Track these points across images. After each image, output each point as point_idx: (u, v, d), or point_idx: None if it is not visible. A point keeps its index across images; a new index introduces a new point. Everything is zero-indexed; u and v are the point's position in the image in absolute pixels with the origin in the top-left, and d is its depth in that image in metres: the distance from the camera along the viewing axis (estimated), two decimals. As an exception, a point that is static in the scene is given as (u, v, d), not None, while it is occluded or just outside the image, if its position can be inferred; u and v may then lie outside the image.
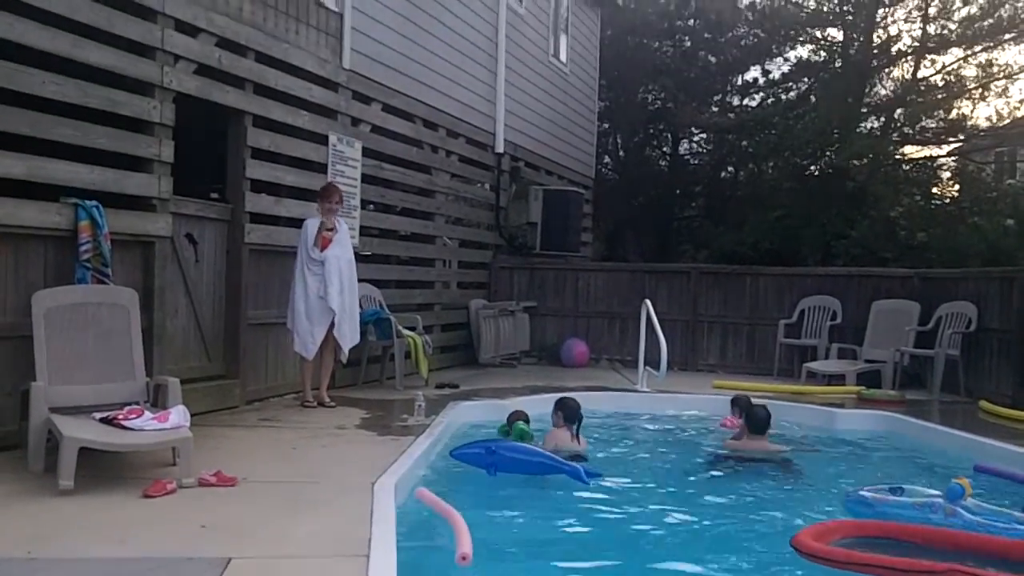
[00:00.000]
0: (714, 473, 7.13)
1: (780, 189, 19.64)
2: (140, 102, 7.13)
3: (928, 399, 10.82)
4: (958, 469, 6.49)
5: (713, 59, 23.50)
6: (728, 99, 24.01)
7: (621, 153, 24.47)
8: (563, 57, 16.84)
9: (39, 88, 6.27)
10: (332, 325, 8.49)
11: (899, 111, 20.13)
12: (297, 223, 8.80)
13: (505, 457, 6.30)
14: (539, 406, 8.05)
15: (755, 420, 7.55)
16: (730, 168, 23.54)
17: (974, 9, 19.05)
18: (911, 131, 19.90)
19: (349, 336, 8.66)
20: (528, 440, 7.12)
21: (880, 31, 20.01)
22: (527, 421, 7.44)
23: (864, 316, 12.46)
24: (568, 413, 7.32)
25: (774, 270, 13.73)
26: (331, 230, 8.50)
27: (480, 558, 4.26)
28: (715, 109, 23.45)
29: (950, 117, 19.95)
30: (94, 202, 6.57)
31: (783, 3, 21.72)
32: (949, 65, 19.86)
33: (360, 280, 9.04)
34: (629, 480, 6.72)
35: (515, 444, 6.69)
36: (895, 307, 12.26)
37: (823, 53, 21.08)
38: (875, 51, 19.76)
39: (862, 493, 5.63)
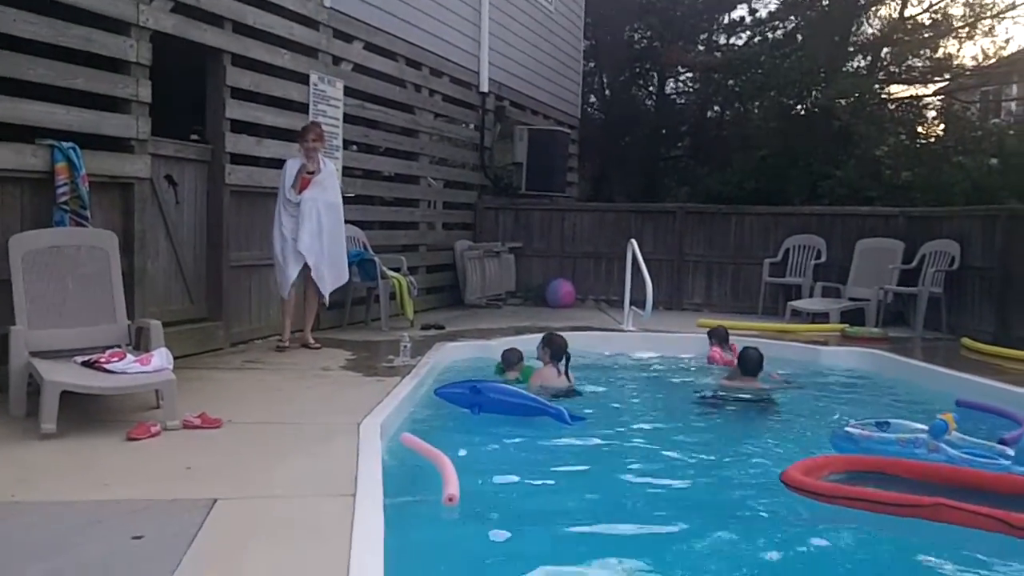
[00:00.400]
0: (703, 411, 7.16)
1: (766, 128, 19.48)
2: (116, 41, 6.97)
3: (911, 336, 10.90)
4: (941, 404, 6.53)
5: (699, -3, 23.22)
6: (714, 38, 23.77)
7: (607, 92, 24.24)
8: (547, -6, 16.58)
9: (11, 26, 6.10)
10: (311, 267, 8.43)
11: (885, 50, 19.96)
12: (278, 164, 8.68)
13: (489, 398, 6.31)
14: (525, 346, 8.02)
15: (747, 362, 7.62)
16: (716, 107, 23.35)
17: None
18: (897, 70, 19.75)
19: (329, 279, 8.59)
20: None
21: (868, -32, 19.79)
22: (521, 359, 7.47)
23: (848, 255, 12.51)
24: (555, 350, 7.32)
25: (759, 209, 13.70)
26: (312, 173, 8.38)
27: (466, 500, 4.27)
28: (701, 48, 23.21)
29: (936, 56, 19.79)
30: (71, 143, 6.44)
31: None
32: (936, 3, 19.69)
33: (344, 222, 8.93)
34: (617, 420, 6.72)
35: (500, 385, 6.70)
36: (879, 246, 12.29)
37: (810, -9, 20.81)
38: (862, -11, 19.55)
39: (848, 429, 5.66)
